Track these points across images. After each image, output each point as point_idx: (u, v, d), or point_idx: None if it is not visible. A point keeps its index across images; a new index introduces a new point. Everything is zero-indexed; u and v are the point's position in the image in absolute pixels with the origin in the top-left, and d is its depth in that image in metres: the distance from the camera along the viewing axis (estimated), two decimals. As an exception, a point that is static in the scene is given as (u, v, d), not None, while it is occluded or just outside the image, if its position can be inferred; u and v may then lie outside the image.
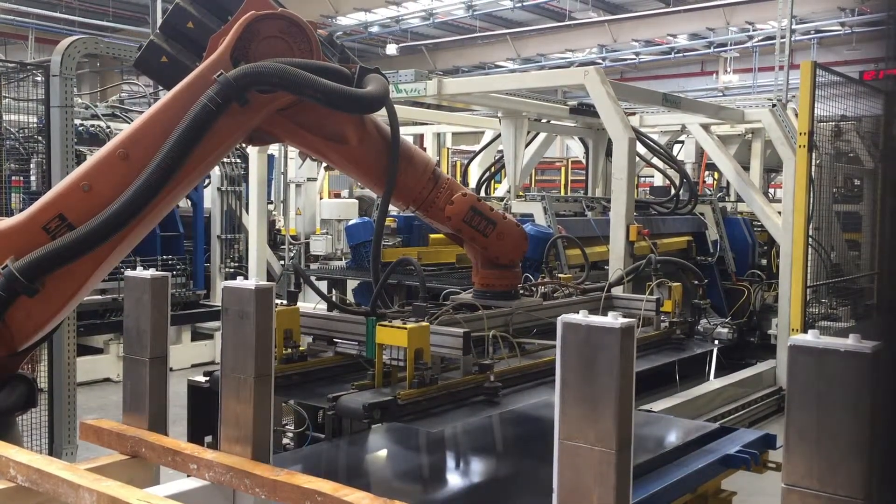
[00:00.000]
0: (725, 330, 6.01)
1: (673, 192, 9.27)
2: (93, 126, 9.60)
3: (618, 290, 4.95)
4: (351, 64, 3.69)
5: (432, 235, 8.29)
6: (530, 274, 6.52)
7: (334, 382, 3.54)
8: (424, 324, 3.27)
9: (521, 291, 4.27)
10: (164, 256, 9.62)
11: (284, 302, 3.63)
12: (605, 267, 6.70)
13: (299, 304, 3.71)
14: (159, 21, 4.24)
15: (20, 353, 3.43)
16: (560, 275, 5.37)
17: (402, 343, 3.16)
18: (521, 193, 8.34)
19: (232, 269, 10.50)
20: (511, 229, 4.06)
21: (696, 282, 5.37)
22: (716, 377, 7.76)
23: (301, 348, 3.72)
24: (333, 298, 7.19)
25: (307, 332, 3.77)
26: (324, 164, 10.66)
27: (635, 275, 5.02)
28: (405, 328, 3.16)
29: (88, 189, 3.28)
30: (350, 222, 8.43)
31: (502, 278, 4.12)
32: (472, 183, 10.43)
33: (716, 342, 4.78)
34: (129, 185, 3.24)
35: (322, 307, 4.11)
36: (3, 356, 3.32)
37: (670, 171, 9.52)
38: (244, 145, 11.20)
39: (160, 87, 8.88)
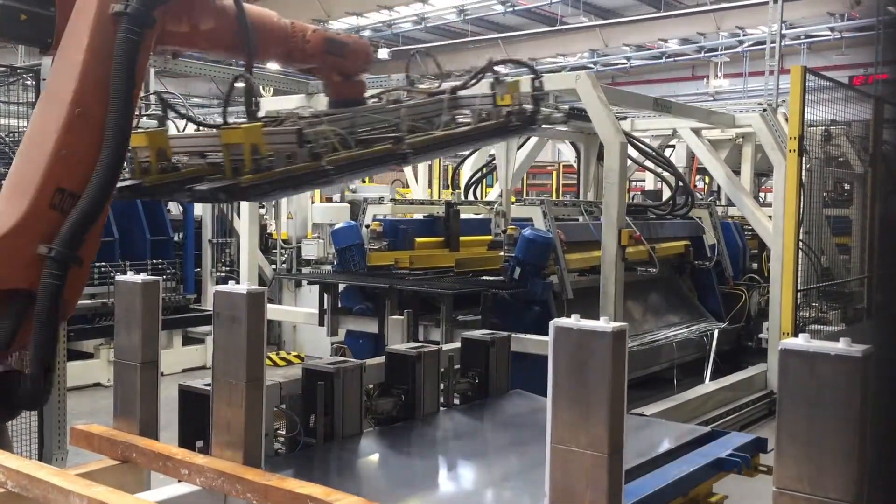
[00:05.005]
0: (560, 115, 6.72)
1: (666, 195, 9.30)
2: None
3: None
4: None
5: (418, 239, 8.24)
6: (532, 277, 6.57)
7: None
8: (258, 123, 3.93)
9: (372, 99, 4.87)
10: (154, 260, 9.59)
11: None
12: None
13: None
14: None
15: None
16: (418, 85, 5.90)
17: (240, 140, 3.77)
18: (513, 199, 8.34)
19: (223, 274, 10.47)
20: (360, 43, 4.76)
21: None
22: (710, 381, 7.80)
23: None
24: (325, 303, 7.25)
25: (179, 152, 4.25)
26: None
27: (478, 79, 5.54)
28: (241, 128, 3.83)
29: (68, 154, 3.36)
30: (335, 226, 8.37)
31: (352, 87, 4.73)
32: (464, 184, 10.47)
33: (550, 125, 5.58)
34: (100, 137, 3.42)
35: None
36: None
37: (666, 175, 9.53)
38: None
39: (147, 91, 8.85)
